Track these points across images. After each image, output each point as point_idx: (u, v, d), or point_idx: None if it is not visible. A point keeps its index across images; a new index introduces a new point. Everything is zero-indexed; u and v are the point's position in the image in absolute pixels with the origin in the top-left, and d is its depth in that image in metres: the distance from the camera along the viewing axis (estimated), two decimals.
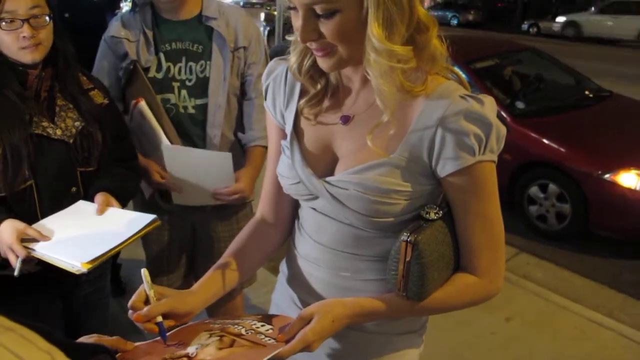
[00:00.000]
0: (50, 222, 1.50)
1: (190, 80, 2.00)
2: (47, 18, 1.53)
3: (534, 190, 4.42)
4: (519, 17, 23.88)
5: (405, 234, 0.98)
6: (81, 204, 1.59)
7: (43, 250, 1.40)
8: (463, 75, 1.06)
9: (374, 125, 1.00)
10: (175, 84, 1.99)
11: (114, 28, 1.99)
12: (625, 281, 3.74)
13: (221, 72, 1.99)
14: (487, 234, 1.03)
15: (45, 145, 1.54)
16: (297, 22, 0.97)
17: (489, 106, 0.97)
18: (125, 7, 3.64)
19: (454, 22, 23.28)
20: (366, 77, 1.02)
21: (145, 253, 2.22)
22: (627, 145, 4.30)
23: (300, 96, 1.13)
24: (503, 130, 0.98)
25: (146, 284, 1.03)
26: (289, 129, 1.14)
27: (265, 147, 2.05)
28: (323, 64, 1.01)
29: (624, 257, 4.09)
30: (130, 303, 1.02)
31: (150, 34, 1.95)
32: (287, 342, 0.95)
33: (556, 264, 3.93)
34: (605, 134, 4.46)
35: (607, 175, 4.01)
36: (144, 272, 1.04)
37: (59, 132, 1.56)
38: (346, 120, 1.07)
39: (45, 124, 1.55)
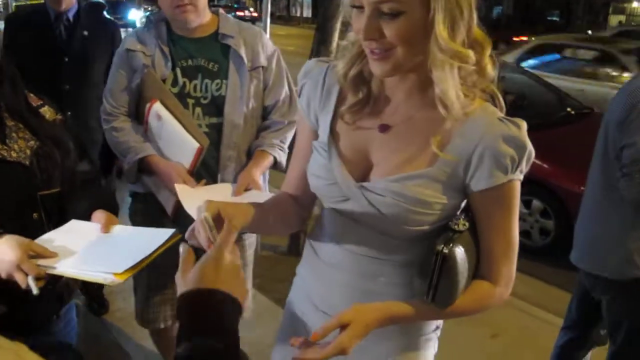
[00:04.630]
0: (50, 240, 1.39)
1: (205, 98, 1.97)
2: None
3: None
4: (501, 35, 24.20)
5: (440, 244, 1.03)
6: (75, 223, 1.49)
7: (63, 267, 1.29)
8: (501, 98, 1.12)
9: (419, 129, 1.06)
10: (190, 101, 1.96)
11: (129, 42, 1.97)
12: None
13: (238, 91, 1.96)
14: (506, 245, 1.11)
15: (1, 170, 1.41)
16: (359, 22, 1.00)
17: (524, 130, 1.05)
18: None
19: None
20: (410, 88, 1.08)
21: (147, 275, 2.11)
22: None
23: (338, 100, 1.17)
24: (533, 152, 1.05)
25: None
26: (325, 130, 1.17)
27: (274, 157, 2.04)
28: (377, 68, 1.03)
29: None
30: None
31: (166, 49, 1.93)
32: (320, 344, 1.01)
33: (541, 280, 3.96)
34: (587, 151, 4.52)
35: None
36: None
37: (14, 154, 1.43)
38: (384, 129, 1.11)
39: None
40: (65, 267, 1.30)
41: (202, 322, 0.82)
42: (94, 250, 1.38)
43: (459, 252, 1.04)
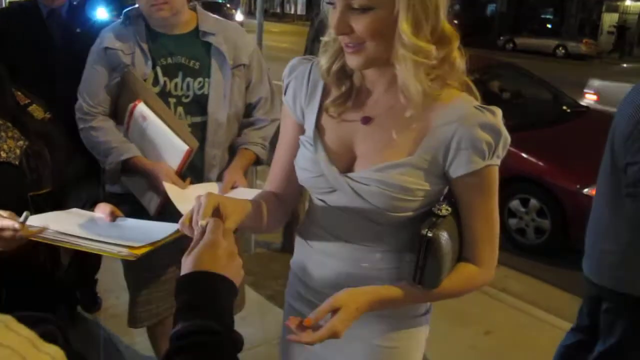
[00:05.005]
0: (45, 218, 1.34)
1: (187, 97, 1.94)
2: None
3: (514, 204, 4.46)
4: (495, 33, 24.32)
5: (424, 229, 1.08)
6: (76, 211, 1.46)
7: (72, 237, 1.26)
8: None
9: (399, 119, 1.11)
10: (172, 100, 1.93)
11: (108, 39, 1.91)
12: None
13: (221, 89, 1.94)
14: (487, 228, 1.16)
15: None
16: (333, 18, 1.06)
17: (499, 117, 1.10)
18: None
19: None
20: (389, 81, 1.13)
21: (130, 275, 2.13)
22: None
23: (323, 95, 1.21)
24: (509, 138, 1.10)
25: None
26: (310, 125, 1.21)
27: (256, 154, 2.03)
28: (352, 61, 1.09)
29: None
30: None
31: (145, 47, 1.89)
32: (313, 328, 1.05)
33: (535, 277, 3.97)
34: (583, 149, 4.52)
35: (585, 190, 4.05)
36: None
37: (3, 154, 1.41)
38: (367, 121, 1.16)
39: None
40: (76, 239, 1.28)
41: (199, 303, 0.84)
42: (103, 231, 1.36)
43: (443, 235, 1.08)
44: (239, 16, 24.60)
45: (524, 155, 4.39)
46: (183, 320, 0.81)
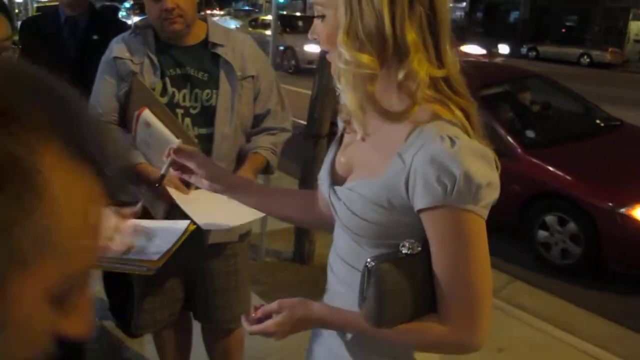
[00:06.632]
0: None
1: (194, 108, 1.93)
2: (15, 49, 1.44)
3: (550, 219, 4.25)
4: (517, 41, 24.10)
5: (369, 259, 1.01)
6: None
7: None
8: (475, 108, 1.05)
9: (380, 138, 1.05)
10: (179, 111, 1.92)
11: (118, 49, 1.92)
12: (619, 311, 3.67)
13: (229, 101, 1.92)
14: (454, 281, 1.00)
15: None
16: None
17: (461, 152, 0.93)
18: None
19: None
20: None
21: (136, 288, 2.14)
22: None
23: None
24: (474, 179, 0.93)
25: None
26: (337, 138, 1.23)
27: (266, 159, 2.00)
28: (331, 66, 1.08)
29: (617, 287, 4.03)
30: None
31: (154, 58, 1.89)
32: (258, 320, 1.11)
33: (551, 293, 3.86)
34: (619, 165, 4.35)
35: (622, 209, 3.87)
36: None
37: None
38: (364, 136, 1.12)
39: None
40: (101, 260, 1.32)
41: None
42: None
43: (389, 271, 1.00)
44: None
45: (556, 171, 4.23)
46: None
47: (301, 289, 3.33)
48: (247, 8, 30.21)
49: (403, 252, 1.02)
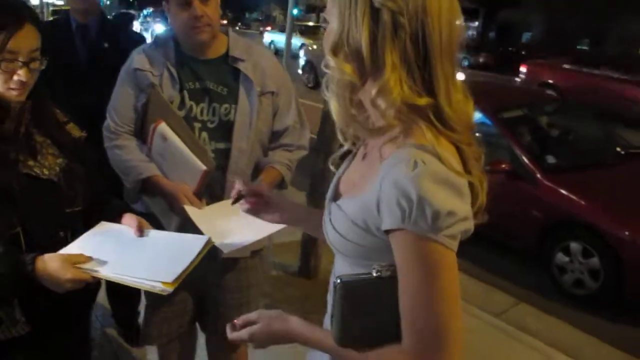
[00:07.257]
0: (83, 245, 1.40)
1: (212, 122, 1.93)
2: (42, 60, 1.44)
3: (571, 246, 4.16)
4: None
5: (337, 277, 1.03)
6: (105, 225, 1.50)
7: (106, 271, 1.32)
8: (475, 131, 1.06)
9: (372, 157, 1.06)
10: (197, 125, 1.92)
11: (139, 61, 1.92)
12: (626, 338, 3.62)
13: (247, 116, 1.91)
14: (416, 311, 0.95)
15: (34, 187, 1.40)
16: None
17: (421, 176, 0.91)
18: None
19: (465, 63, 23.46)
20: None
21: (146, 299, 2.16)
22: None
23: None
24: (431, 206, 0.89)
25: None
26: (351, 156, 1.23)
27: (281, 174, 2.00)
28: None
29: (624, 312, 3.98)
30: None
31: (174, 71, 1.89)
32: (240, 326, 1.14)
33: (556, 317, 3.82)
34: None
35: None
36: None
37: (46, 171, 1.43)
38: (364, 155, 1.13)
39: (31, 162, 1.42)
40: (108, 271, 1.33)
41: None
42: (134, 254, 1.41)
43: (353, 290, 1.01)
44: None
45: (578, 199, 4.15)
46: None
47: (305, 303, 3.32)
48: (260, 19, 30.36)
49: (373, 274, 1.01)
